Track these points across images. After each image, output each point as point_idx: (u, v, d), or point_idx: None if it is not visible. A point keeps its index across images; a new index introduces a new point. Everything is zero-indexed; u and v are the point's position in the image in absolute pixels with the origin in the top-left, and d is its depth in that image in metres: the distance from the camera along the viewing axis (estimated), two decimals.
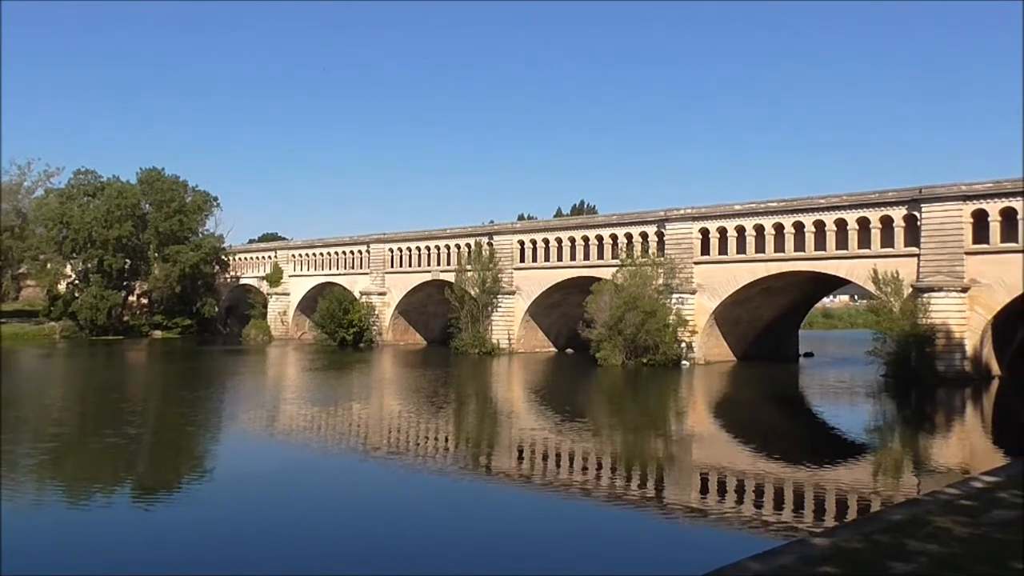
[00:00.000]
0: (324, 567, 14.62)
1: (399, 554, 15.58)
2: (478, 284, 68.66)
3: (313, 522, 17.81)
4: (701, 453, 27.13)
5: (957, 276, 45.80)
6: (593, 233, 64.94)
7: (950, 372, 44.69)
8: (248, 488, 21.12)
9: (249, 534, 16.89)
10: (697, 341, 56.33)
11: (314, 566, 14.67)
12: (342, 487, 21.82)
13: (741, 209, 56.14)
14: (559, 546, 16.50)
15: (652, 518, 18.78)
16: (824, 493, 20.81)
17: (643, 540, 17.11)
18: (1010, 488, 15.58)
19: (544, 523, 18.57)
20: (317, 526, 17.51)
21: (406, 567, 14.91)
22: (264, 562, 14.97)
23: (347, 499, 20.45)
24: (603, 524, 18.28)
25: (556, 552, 16.05)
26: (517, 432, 30.77)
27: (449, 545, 16.29)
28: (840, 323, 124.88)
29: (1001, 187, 45.16)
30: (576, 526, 18.26)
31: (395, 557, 15.43)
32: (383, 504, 19.89)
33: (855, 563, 10.92)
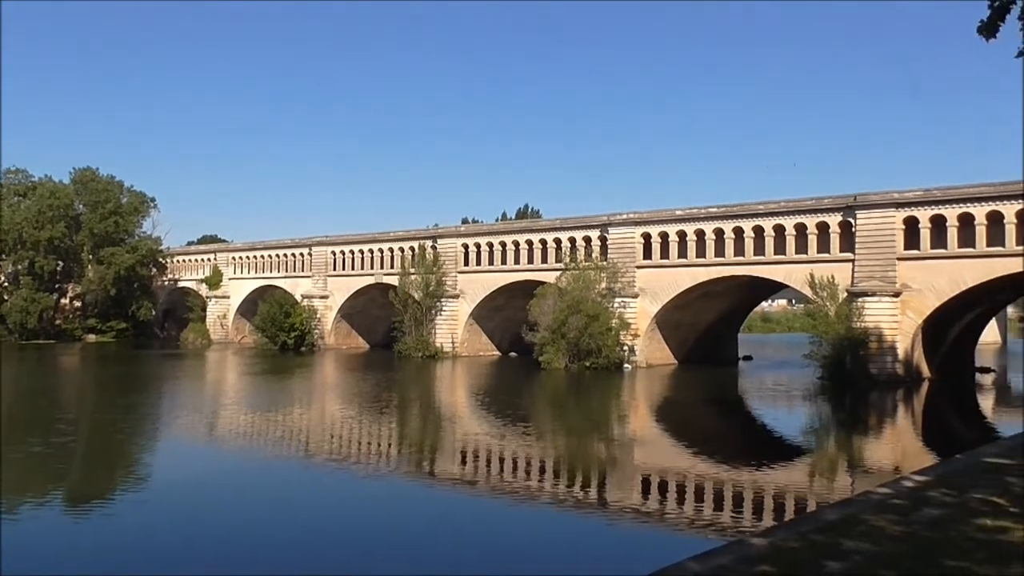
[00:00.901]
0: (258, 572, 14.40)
1: (339, 558, 15.41)
2: (422, 287, 68.37)
3: (250, 528, 17.52)
4: (643, 455, 27.40)
5: (890, 281, 47.07)
6: (537, 237, 65.20)
7: (883, 375, 45.88)
8: (184, 495, 20.66)
9: (183, 542, 16.53)
10: (639, 345, 56.90)
11: (249, 572, 14.43)
12: (281, 493, 21.48)
13: (682, 214, 56.91)
14: (502, 548, 16.50)
15: (594, 520, 18.89)
16: (762, 494, 21.18)
17: (585, 542, 17.19)
18: (939, 487, 16.04)
19: (486, 526, 18.54)
20: (253, 532, 17.23)
21: (347, 571, 14.74)
22: (199, 569, 14.68)
23: (286, 505, 20.12)
24: (546, 526, 18.33)
25: (499, 554, 16.04)
26: (460, 436, 30.71)
27: (393, 549, 16.16)
28: (778, 327, 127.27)
29: (931, 195, 46.60)
30: (519, 528, 18.28)
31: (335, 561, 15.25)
32: (323, 509, 19.64)
33: (792, 562, 11.13)
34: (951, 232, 45.68)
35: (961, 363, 55.28)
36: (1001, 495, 15.08)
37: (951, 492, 15.44)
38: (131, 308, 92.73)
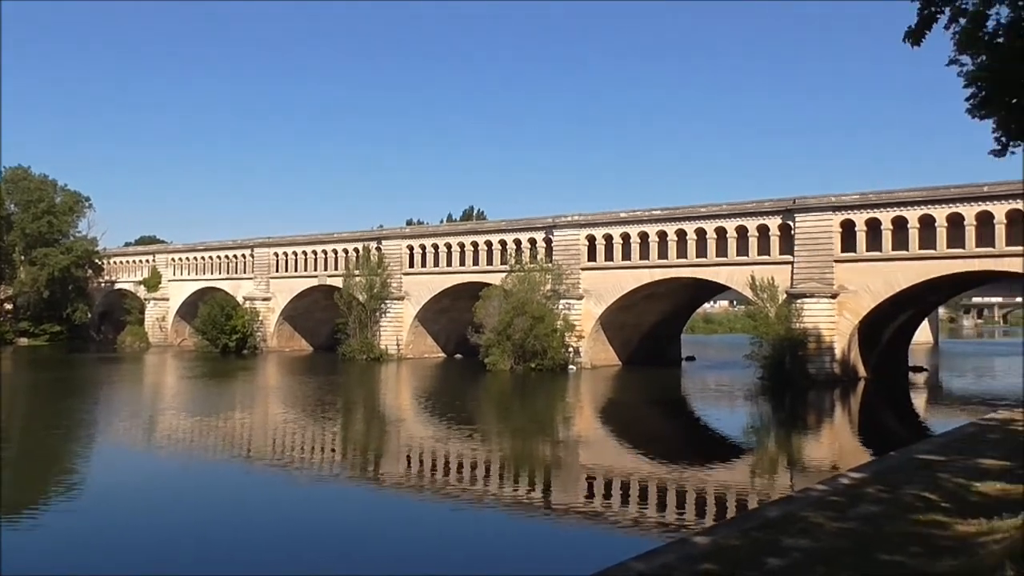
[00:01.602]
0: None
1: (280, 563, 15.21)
2: (366, 289, 67.83)
3: (184, 535, 17.19)
4: (588, 456, 27.58)
5: (827, 283, 48.14)
6: (482, 239, 65.21)
7: (821, 374, 46.90)
8: (117, 502, 20.19)
9: (113, 550, 16.16)
10: (584, 346, 57.27)
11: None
12: (219, 498, 21.15)
13: (627, 217, 57.47)
14: (446, 551, 16.45)
15: (539, 521, 18.97)
16: (705, 492, 21.49)
17: (530, 543, 17.25)
18: (874, 484, 16.48)
19: (431, 528, 18.48)
20: (188, 539, 16.92)
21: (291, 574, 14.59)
22: None
23: (224, 510, 19.81)
24: (491, 528, 18.35)
25: (443, 557, 15.99)
26: (405, 438, 30.58)
27: (336, 554, 16.00)
28: (720, 328, 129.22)
29: (867, 199, 47.81)
30: (463, 530, 18.27)
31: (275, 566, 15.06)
32: (263, 514, 19.38)
33: (734, 560, 11.32)
34: (886, 235, 46.91)
35: (895, 363, 56.80)
36: (933, 491, 15.53)
37: (886, 488, 15.86)
38: (66, 311, 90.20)
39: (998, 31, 16.47)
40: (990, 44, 16.53)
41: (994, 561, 9.23)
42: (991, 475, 17.06)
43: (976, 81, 17.04)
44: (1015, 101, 17.11)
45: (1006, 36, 16.40)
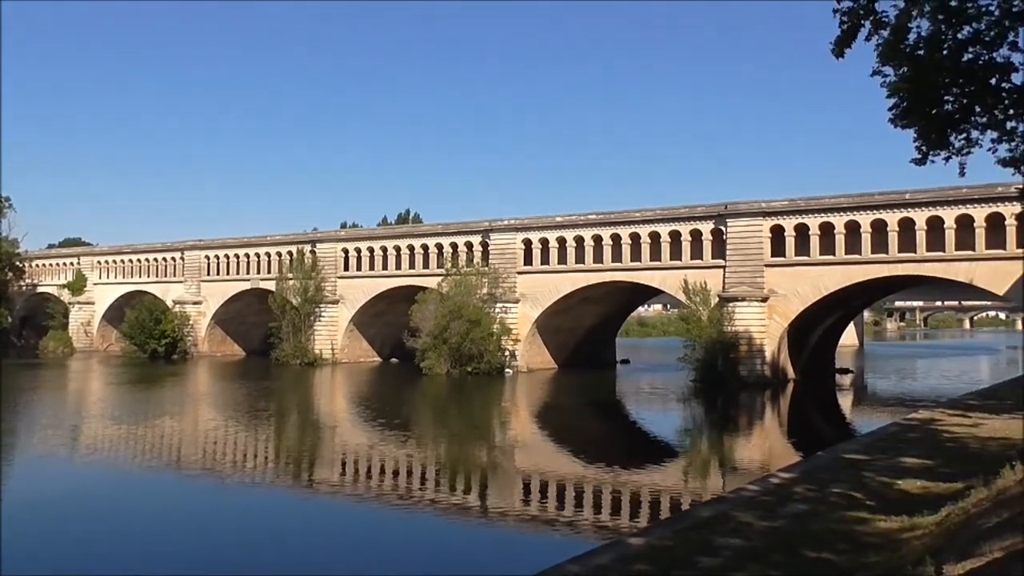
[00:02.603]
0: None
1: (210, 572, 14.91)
2: (300, 293, 66.93)
3: (109, 546, 16.72)
4: (523, 459, 27.67)
5: (758, 287, 49.18)
6: (419, 242, 64.93)
7: (752, 376, 47.87)
8: (40, 514, 19.53)
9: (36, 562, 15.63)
10: (520, 349, 57.43)
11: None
12: (145, 508, 20.60)
13: (563, 221, 57.86)
14: (381, 556, 16.32)
15: (475, 525, 18.96)
16: (639, 494, 21.74)
17: (467, 547, 17.22)
18: (803, 483, 16.87)
19: (366, 533, 18.33)
20: (112, 551, 16.46)
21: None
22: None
23: (150, 520, 19.30)
24: (426, 532, 18.25)
25: (378, 562, 15.87)
26: (340, 444, 30.27)
27: (269, 562, 15.74)
28: (654, 331, 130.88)
29: (795, 205, 49.01)
30: (398, 535, 18.12)
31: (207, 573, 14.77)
32: (194, 522, 18.97)
33: (668, 560, 11.48)
34: (814, 240, 48.14)
35: (823, 365, 58.32)
36: (858, 489, 15.98)
37: (813, 487, 16.26)
38: None
39: (919, 44, 17.05)
40: (911, 56, 17.11)
41: (915, 557, 9.52)
42: (912, 473, 17.62)
43: (898, 92, 17.61)
44: (934, 112, 17.72)
45: (926, 49, 16.98)
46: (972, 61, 17.13)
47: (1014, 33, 16.79)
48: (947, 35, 16.83)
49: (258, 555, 16.31)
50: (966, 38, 16.93)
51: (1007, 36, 16.81)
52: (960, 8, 16.51)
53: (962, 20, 16.63)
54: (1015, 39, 16.99)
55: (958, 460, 19.00)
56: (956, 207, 43.89)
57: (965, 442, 22.17)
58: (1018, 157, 19.02)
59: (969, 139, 18.45)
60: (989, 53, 17.12)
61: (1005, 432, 23.48)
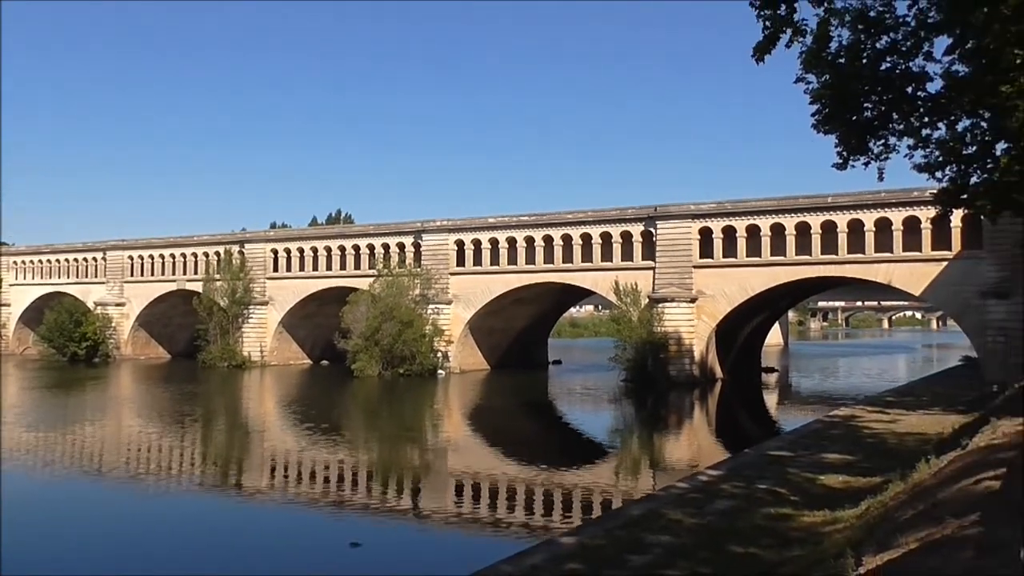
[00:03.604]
0: None
1: None
2: (228, 294, 65.60)
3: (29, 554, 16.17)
4: (456, 461, 27.63)
5: (687, 288, 50.01)
6: (350, 243, 64.27)
7: (681, 376, 48.65)
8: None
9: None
10: (453, 351, 57.31)
11: None
12: (69, 514, 19.96)
13: (495, 222, 57.95)
14: (312, 560, 16.11)
15: (408, 528, 18.86)
16: (571, 493, 21.90)
17: (399, 549, 17.12)
18: (730, 480, 17.24)
19: (297, 536, 18.07)
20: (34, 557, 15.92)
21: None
22: None
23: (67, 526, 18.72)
24: (358, 535, 18.04)
25: (309, 564, 15.67)
26: (269, 447, 29.76)
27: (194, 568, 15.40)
28: (586, 331, 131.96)
29: (723, 207, 50.00)
30: (330, 539, 17.89)
31: None
32: (114, 529, 18.44)
33: (599, 559, 11.62)
34: (740, 242, 49.17)
35: (749, 364, 59.63)
36: (783, 485, 16.41)
37: (740, 484, 16.63)
38: None
39: (840, 52, 17.59)
40: (832, 64, 17.64)
41: (837, 549, 9.82)
42: (834, 468, 18.17)
43: (820, 99, 18.14)
44: (854, 118, 18.30)
45: (846, 57, 17.54)
46: (890, 70, 17.75)
47: (929, 44, 17.45)
48: (866, 44, 17.41)
49: (182, 563, 15.94)
50: (884, 48, 17.54)
51: (923, 47, 17.46)
52: (878, 19, 17.09)
53: (880, 30, 17.22)
54: (930, 49, 17.65)
55: (877, 455, 19.67)
56: (875, 211, 45.33)
57: (884, 438, 22.96)
58: (933, 163, 19.79)
59: (887, 145, 19.11)
60: (906, 62, 17.76)
61: (921, 427, 24.40)
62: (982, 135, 18.63)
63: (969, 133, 18.85)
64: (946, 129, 19.06)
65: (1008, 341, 40.09)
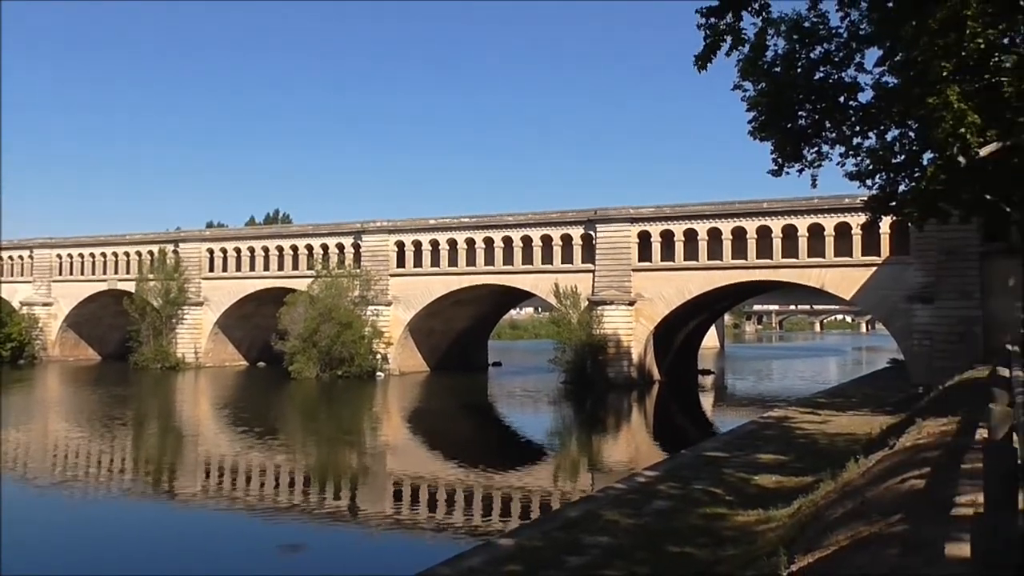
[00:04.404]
0: None
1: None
2: (161, 294, 64.15)
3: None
4: (395, 463, 27.46)
5: (626, 291, 50.54)
6: (288, 243, 63.42)
7: (619, 378, 49.12)
8: None
9: None
10: (392, 352, 56.94)
11: None
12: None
13: (436, 224, 57.79)
14: (247, 564, 15.85)
15: (346, 531, 18.67)
16: (510, 495, 21.93)
17: (337, 552, 16.93)
18: (667, 481, 17.46)
19: (231, 540, 17.76)
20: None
21: None
22: None
23: None
24: (295, 538, 17.81)
25: (243, 569, 15.41)
26: (204, 451, 29.17)
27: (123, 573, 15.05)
28: (526, 333, 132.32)
29: (661, 212, 50.66)
30: (266, 543, 17.62)
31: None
32: (40, 534, 17.89)
33: (537, 560, 11.66)
34: (678, 246, 49.87)
35: (686, 366, 60.48)
36: (718, 485, 16.68)
37: (677, 485, 16.85)
38: None
39: (776, 61, 18.00)
40: (768, 72, 18.05)
41: (770, 548, 10.02)
42: (768, 468, 18.54)
43: (756, 106, 18.54)
44: (789, 126, 18.74)
45: (782, 66, 17.96)
46: (823, 79, 18.25)
47: (861, 55, 17.98)
48: (801, 54, 17.87)
49: (109, 569, 15.53)
50: (818, 58, 18.03)
51: (854, 58, 17.99)
52: (812, 29, 17.55)
53: (814, 41, 17.69)
54: (862, 61, 18.19)
55: (809, 455, 20.13)
56: (808, 217, 46.41)
57: (815, 438, 23.51)
58: (863, 171, 20.38)
59: (820, 153, 19.62)
60: (838, 73, 18.27)
61: (851, 428, 25.05)
62: (910, 145, 19.25)
63: (898, 143, 19.48)
64: (876, 138, 19.67)
65: (933, 344, 41.45)
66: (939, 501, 7.55)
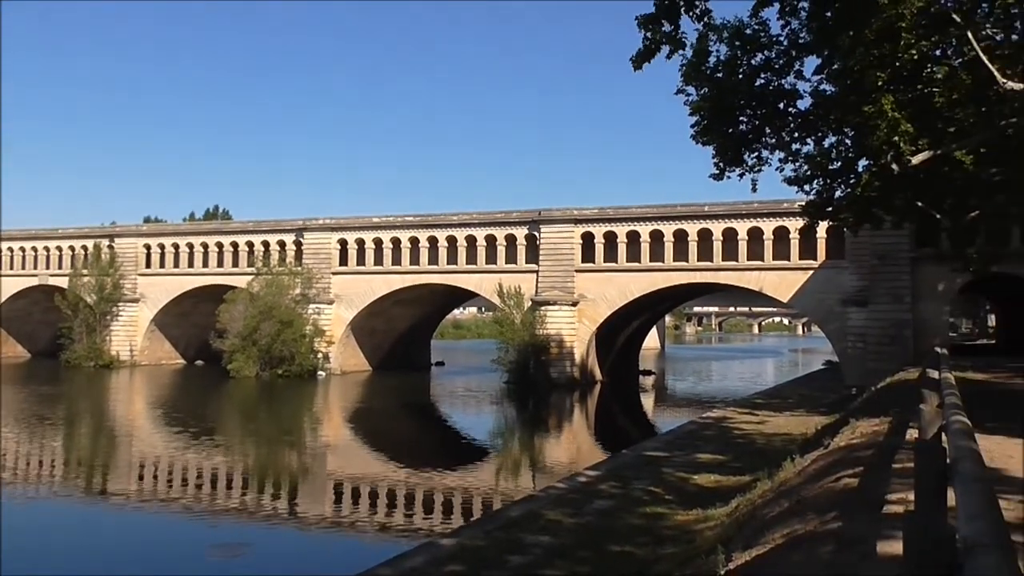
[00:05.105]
0: None
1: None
2: (96, 291, 62.52)
3: None
4: (336, 464, 27.19)
5: (569, 291, 50.83)
6: (228, 240, 62.35)
7: (562, 378, 49.39)
8: None
9: None
10: (334, 351, 56.39)
11: None
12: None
13: (379, 222, 57.39)
14: (182, 564, 15.54)
15: (286, 532, 18.42)
16: (452, 495, 21.87)
17: (277, 553, 16.70)
18: (608, 480, 17.61)
19: (166, 542, 17.39)
20: None
21: None
22: None
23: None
24: (232, 539, 17.51)
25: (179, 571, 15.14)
26: (138, 451, 28.50)
27: None
28: (469, 333, 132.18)
29: (605, 213, 51.10)
30: (201, 543, 17.28)
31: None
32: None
33: (478, 560, 11.66)
34: (621, 248, 50.34)
35: (628, 366, 61.04)
36: (659, 485, 16.88)
37: (618, 484, 17.01)
38: None
39: (718, 67, 18.29)
40: (711, 78, 18.33)
41: (708, 547, 10.17)
42: (707, 468, 18.82)
43: (699, 111, 18.81)
44: (731, 131, 19.05)
45: (724, 72, 18.25)
46: (764, 86, 18.59)
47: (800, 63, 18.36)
48: (742, 60, 18.18)
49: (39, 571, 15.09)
50: (759, 64, 18.36)
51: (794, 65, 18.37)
52: (754, 36, 17.87)
53: (756, 48, 18.01)
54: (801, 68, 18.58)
55: (747, 455, 20.49)
56: (748, 220, 47.24)
57: (753, 438, 23.95)
58: (801, 176, 20.84)
59: (760, 158, 19.99)
60: (778, 79, 18.64)
61: (787, 428, 25.57)
62: (846, 152, 19.74)
63: (835, 149, 19.95)
64: (814, 145, 20.11)
65: (866, 346, 42.58)
66: (872, 500, 7.75)
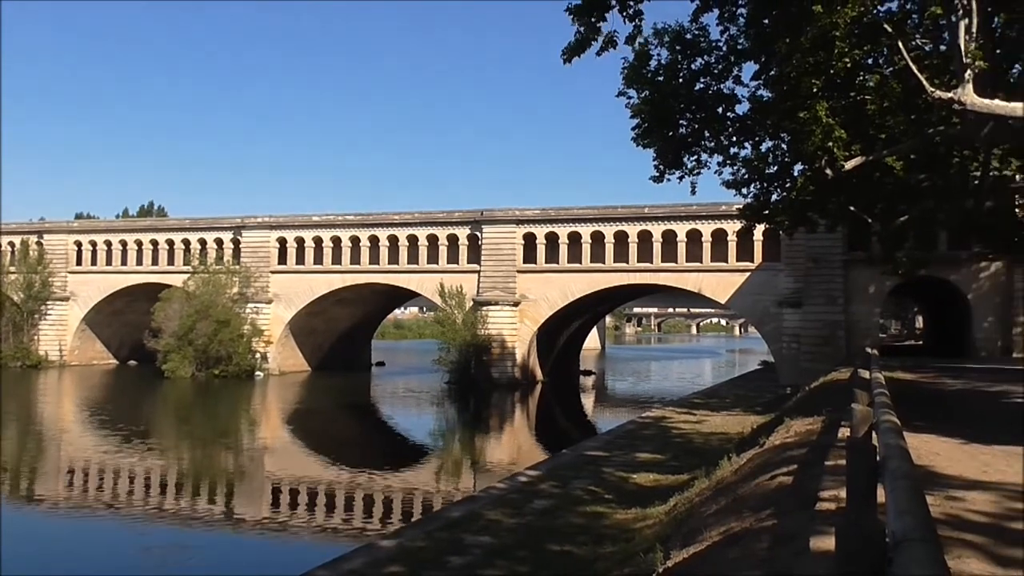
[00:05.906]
0: None
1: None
2: (23, 288, 60.63)
3: None
4: (273, 465, 26.79)
5: (510, 292, 50.94)
6: (163, 237, 60.99)
7: (503, 378, 49.48)
8: None
9: None
10: (272, 351, 55.59)
11: None
12: None
13: (319, 220, 56.75)
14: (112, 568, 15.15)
15: (221, 534, 18.10)
16: (392, 496, 21.73)
17: (211, 557, 16.38)
18: (548, 480, 17.69)
19: (97, 546, 16.93)
20: None
21: None
22: None
23: None
24: (165, 544, 17.13)
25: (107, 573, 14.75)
26: (67, 454, 27.72)
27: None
28: (410, 333, 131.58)
29: (547, 214, 51.34)
30: (135, 547, 16.88)
31: None
32: None
33: (419, 561, 11.62)
34: (562, 248, 50.64)
35: (568, 367, 61.44)
36: (598, 484, 17.01)
37: (558, 484, 17.10)
38: None
39: (659, 71, 18.52)
40: (652, 81, 18.54)
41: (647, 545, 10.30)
42: (646, 467, 19.03)
43: (640, 113, 19.02)
44: (671, 134, 19.30)
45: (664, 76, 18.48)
46: (703, 90, 18.89)
47: (738, 68, 18.70)
48: (683, 65, 18.44)
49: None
50: (699, 69, 18.65)
51: (732, 71, 18.69)
52: (694, 41, 18.15)
53: (695, 52, 18.29)
54: (739, 74, 18.92)
55: (685, 454, 20.77)
56: (687, 222, 47.93)
57: (691, 437, 24.29)
58: (739, 180, 21.23)
59: (699, 161, 20.31)
60: (718, 84, 18.95)
61: (724, 427, 25.99)
62: (782, 156, 20.17)
63: (771, 154, 20.37)
64: (751, 149, 20.51)
65: (800, 347, 43.58)
66: (805, 496, 7.93)
